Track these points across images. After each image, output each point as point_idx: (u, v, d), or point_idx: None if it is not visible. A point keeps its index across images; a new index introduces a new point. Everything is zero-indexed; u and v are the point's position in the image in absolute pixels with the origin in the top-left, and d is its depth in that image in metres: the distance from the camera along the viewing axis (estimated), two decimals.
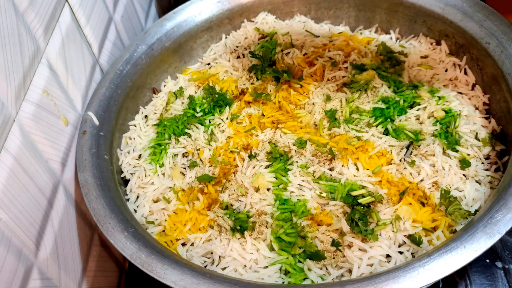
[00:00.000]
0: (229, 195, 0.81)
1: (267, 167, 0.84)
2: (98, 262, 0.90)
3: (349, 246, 0.73)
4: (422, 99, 0.90)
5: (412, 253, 0.72)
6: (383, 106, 0.90)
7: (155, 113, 0.99)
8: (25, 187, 0.67)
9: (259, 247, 0.74)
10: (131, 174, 0.90)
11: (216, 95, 0.97)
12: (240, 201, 0.80)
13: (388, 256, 0.71)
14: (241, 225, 0.76)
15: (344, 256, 0.72)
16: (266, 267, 0.73)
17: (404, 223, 0.74)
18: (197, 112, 0.97)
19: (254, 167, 0.84)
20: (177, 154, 0.90)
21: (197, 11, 1.08)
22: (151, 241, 0.72)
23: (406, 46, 1.04)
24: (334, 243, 0.73)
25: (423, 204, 0.77)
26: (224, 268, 0.74)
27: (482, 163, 0.82)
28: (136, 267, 0.67)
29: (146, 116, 1.00)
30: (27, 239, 0.66)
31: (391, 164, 0.82)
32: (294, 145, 0.85)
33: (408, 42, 1.05)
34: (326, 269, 0.72)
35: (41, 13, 0.75)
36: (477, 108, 0.90)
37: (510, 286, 0.82)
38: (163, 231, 0.81)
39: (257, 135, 0.89)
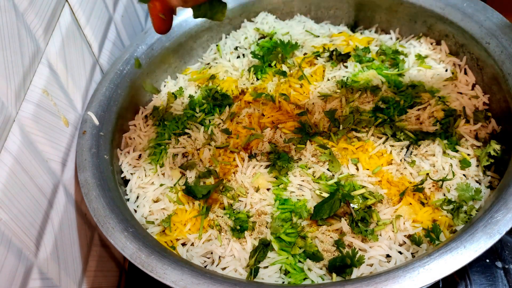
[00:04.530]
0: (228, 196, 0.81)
1: (267, 167, 0.84)
2: (98, 262, 0.89)
3: (349, 246, 0.73)
4: (422, 99, 0.90)
5: (412, 253, 0.72)
6: (383, 106, 0.90)
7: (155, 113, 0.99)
8: (25, 187, 0.67)
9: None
10: (131, 174, 0.90)
11: (216, 95, 0.97)
12: (240, 201, 0.80)
13: (388, 256, 0.72)
14: (241, 225, 0.76)
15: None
16: (266, 267, 0.73)
17: (404, 223, 0.74)
18: (197, 112, 0.97)
19: (254, 167, 0.84)
20: (177, 154, 0.90)
21: None
22: (151, 241, 0.72)
23: (406, 46, 1.03)
24: (334, 243, 0.73)
25: (423, 204, 0.77)
26: (224, 268, 0.74)
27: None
28: (136, 267, 0.67)
29: (146, 116, 1.00)
30: (27, 239, 0.66)
31: (391, 164, 0.82)
32: (293, 144, 0.85)
33: (408, 42, 1.05)
34: (326, 269, 0.72)
35: (41, 13, 0.75)
36: (477, 108, 0.90)
37: (510, 286, 0.82)
38: (163, 231, 0.81)
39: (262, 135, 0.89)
